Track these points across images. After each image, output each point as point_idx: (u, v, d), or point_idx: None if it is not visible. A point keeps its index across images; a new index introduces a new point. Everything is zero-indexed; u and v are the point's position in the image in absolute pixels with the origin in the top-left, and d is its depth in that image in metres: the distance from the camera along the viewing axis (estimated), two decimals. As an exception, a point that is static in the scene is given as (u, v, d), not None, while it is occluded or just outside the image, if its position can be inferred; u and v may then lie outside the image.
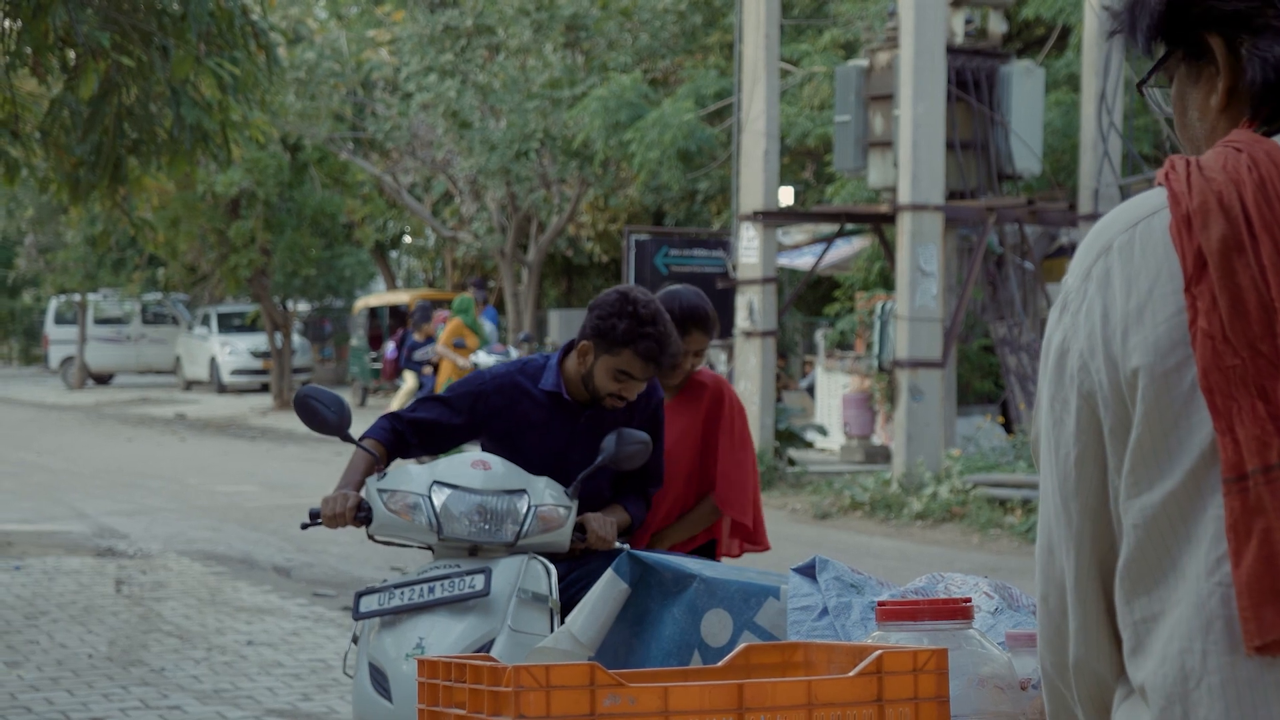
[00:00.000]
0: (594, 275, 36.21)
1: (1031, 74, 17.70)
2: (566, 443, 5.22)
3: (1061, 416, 1.86)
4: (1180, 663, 1.75)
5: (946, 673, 2.47)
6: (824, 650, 2.72)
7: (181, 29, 10.14)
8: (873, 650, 2.49)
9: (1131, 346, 1.79)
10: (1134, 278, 1.81)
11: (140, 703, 8.27)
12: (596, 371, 5.14)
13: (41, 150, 11.75)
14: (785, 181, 22.47)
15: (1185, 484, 1.76)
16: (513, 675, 2.28)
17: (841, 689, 2.42)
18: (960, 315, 17.22)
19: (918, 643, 2.67)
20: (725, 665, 2.67)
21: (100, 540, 14.17)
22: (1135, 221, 1.84)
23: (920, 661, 2.45)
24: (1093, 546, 1.85)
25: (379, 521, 4.96)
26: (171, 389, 38.79)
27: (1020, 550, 14.09)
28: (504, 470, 4.99)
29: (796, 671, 2.68)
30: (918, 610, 2.74)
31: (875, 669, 2.43)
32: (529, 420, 5.23)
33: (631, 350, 5.08)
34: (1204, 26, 1.87)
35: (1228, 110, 1.89)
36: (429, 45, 27.27)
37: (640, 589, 3.70)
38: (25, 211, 36.48)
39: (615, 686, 2.30)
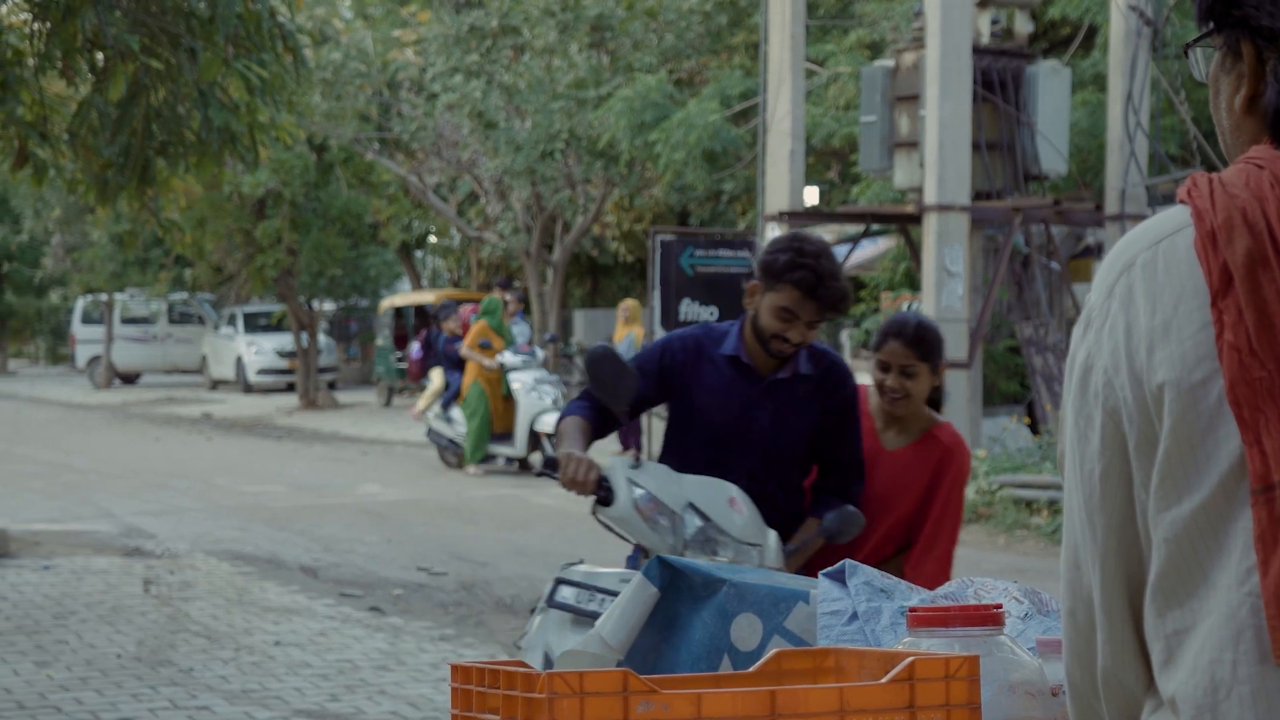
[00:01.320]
0: (619, 275, 36.23)
1: (1058, 74, 17.67)
2: (742, 412, 5.15)
3: (1086, 433, 1.87)
4: (1210, 673, 1.76)
5: (978, 679, 2.48)
6: (855, 656, 2.72)
7: (209, 31, 10.17)
8: (904, 657, 2.50)
9: (1158, 362, 1.80)
10: (1158, 294, 1.82)
11: (169, 703, 8.31)
12: (762, 312, 5.07)
13: (70, 152, 11.79)
14: (811, 182, 22.47)
15: (1214, 496, 1.77)
16: (546, 682, 2.29)
17: (873, 695, 2.42)
18: (986, 316, 17.20)
19: (949, 649, 2.67)
20: (756, 671, 2.67)
21: (128, 540, 14.22)
22: (1158, 239, 1.85)
23: (952, 668, 2.46)
24: (1118, 561, 1.86)
25: (618, 512, 4.83)
26: (198, 388, 38.90)
27: (1047, 551, 14.07)
28: (750, 518, 4.87)
29: (828, 677, 2.68)
30: (949, 616, 2.74)
31: (907, 676, 2.44)
32: (707, 383, 5.17)
33: (790, 283, 5.01)
34: (1239, 29, 1.89)
35: (1249, 113, 1.90)
36: (454, 46, 27.31)
37: (670, 593, 3.71)
38: (52, 211, 36.61)
39: (649, 693, 2.31)
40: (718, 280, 19.87)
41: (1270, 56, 1.87)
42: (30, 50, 10.97)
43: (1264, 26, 1.86)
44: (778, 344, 5.10)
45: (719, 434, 5.13)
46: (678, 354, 5.20)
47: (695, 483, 4.89)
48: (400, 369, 32.11)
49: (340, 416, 29.55)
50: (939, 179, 16.32)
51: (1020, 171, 17.69)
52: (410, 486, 18.86)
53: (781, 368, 5.20)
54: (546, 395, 19.64)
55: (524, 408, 19.63)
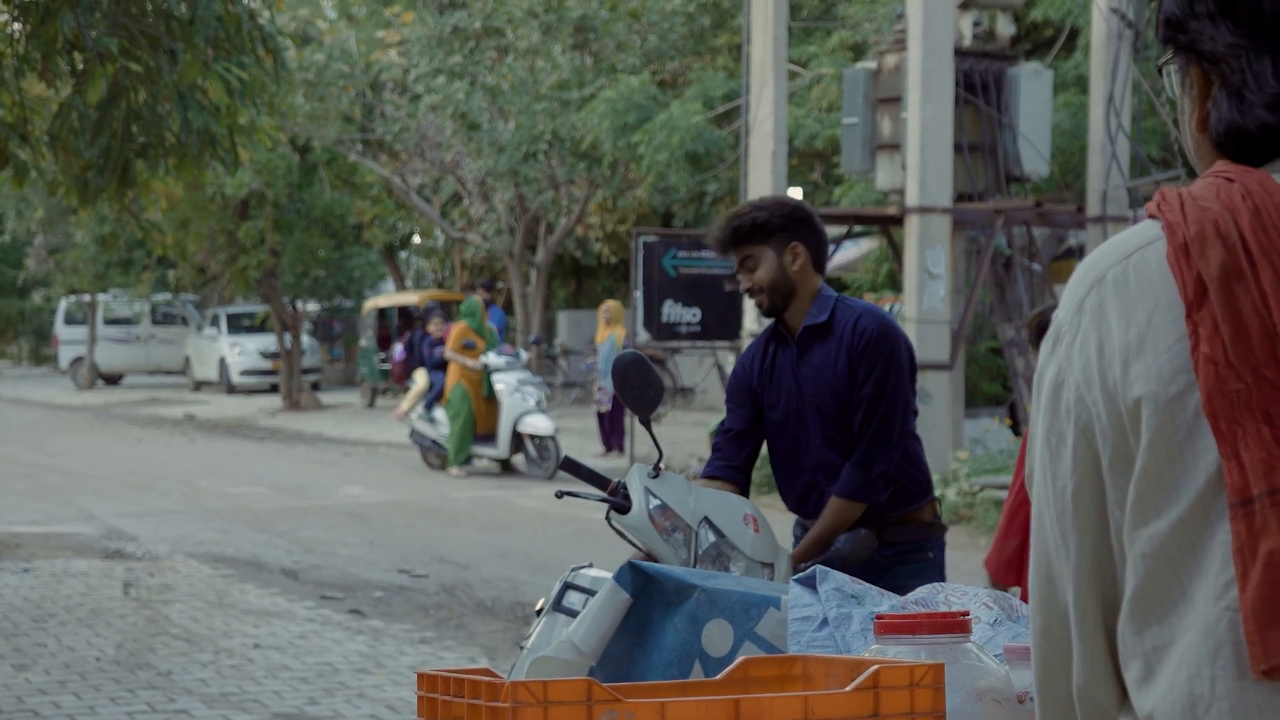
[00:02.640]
0: (602, 276, 36.24)
1: (1040, 76, 17.69)
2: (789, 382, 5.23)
3: (1058, 449, 1.87)
4: (1189, 689, 1.76)
5: (943, 687, 2.48)
6: (822, 664, 2.73)
7: (189, 33, 10.16)
8: (870, 665, 2.51)
9: (1133, 377, 1.79)
10: (1131, 309, 1.81)
11: (148, 706, 8.30)
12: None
13: (50, 153, 11.77)
14: (793, 183, 22.49)
15: (1193, 511, 1.77)
16: (510, 691, 2.29)
17: (838, 704, 2.43)
18: (968, 317, 17.22)
19: (915, 656, 2.68)
20: (724, 679, 2.68)
21: (109, 542, 14.19)
22: (1128, 253, 1.85)
23: (917, 676, 2.46)
24: (1092, 579, 1.86)
25: (633, 520, 4.78)
26: (181, 389, 38.85)
27: (1028, 553, 14.11)
28: (764, 537, 4.86)
29: (795, 685, 2.69)
30: (915, 624, 2.75)
31: (872, 684, 2.44)
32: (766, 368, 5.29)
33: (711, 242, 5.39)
34: (1187, 53, 1.90)
35: (1203, 133, 1.91)
36: (438, 47, 27.29)
37: (642, 598, 3.71)
38: (35, 212, 36.55)
39: (613, 702, 2.31)
40: (700, 281, 19.88)
41: (1215, 79, 1.87)
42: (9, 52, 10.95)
43: (1206, 50, 1.87)
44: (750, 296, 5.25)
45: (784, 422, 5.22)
46: (745, 361, 5.35)
47: (712, 497, 4.88)
48: (384, 370, 32.09)
49: (323, 418, 29.53)
50: (921, 181, 16.35)
51: (1002, 173, 17.72)
52: (393, 488, 18.84)
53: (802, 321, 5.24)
54: (530, 397, 19.64)
55: (507, 409, 19.63)
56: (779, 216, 5.18)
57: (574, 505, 5.17)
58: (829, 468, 5.18)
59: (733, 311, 19.14)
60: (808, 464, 5.23)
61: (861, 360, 5.11)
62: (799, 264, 5.20)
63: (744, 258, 5.19)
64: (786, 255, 5.18)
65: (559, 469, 5.04)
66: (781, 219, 5.18)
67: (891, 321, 5.23)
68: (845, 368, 5.13)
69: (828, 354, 5.17)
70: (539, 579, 12.20)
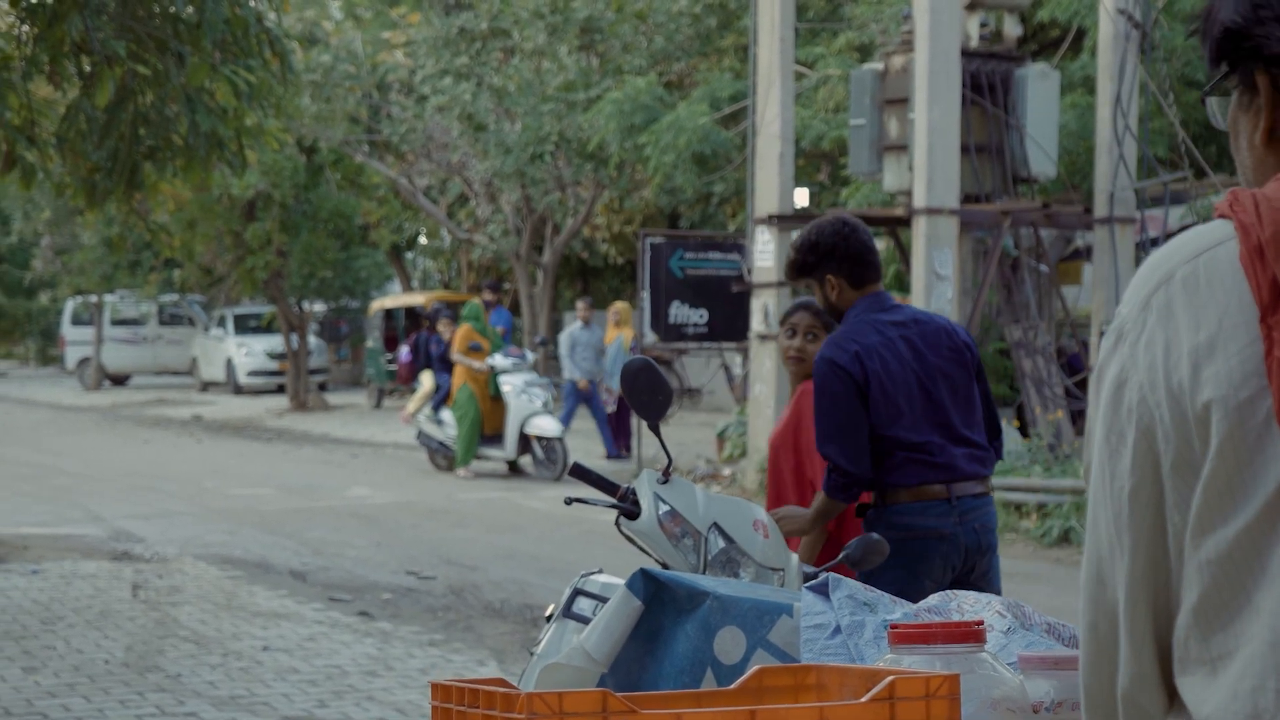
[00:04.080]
0: (609, 277, 36.24)
1: (1046, 77, 17.68)
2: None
3: (1117, 449, 1.83)
4: (1252, 701, 1.73)
5: (959, 698, 2.48)
6: (836, 673, 2.72)
7: (196, 36, 10.17)
8: (885, 675, 2.50)
9: (1203, 380, 1.75)
10: (1201, 309, 1.77)
11: (156, 709, 8.30)
12: None
13: (58, 155, 11.79)
14: (800, 184, 22.47)
15: (1261, 519, 1.73)
16: (525, 702, 2.29)
17: (853, 715, 2.42)
18: (975, 319, 17.21)
19: (930, 666, 2.68)
20: (738, 688, 2.67)
21: (117, 544, 14.20)
22: (1198, 252, 1.80)
23: (933, 687, 2.46)
24: (1145, 581, 1.83)
25: (642, 526, 4.78)
26: (188, 390, 38.87)
27: (1035, 555, 14.08)
28: (774, 541, 4.85)
29: (809, 694, 2.69)
30: (930, 634, 2.75)
31: (888, 694, 2.44)
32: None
33: None
34: (1253, 61, 1.85)
35: (1271, 146, 1.86)
36: (444, 48, 27.29)
37: (654, 606, 3.70)
38: (42, 214, 36.58)
39: (628, 713, 2.31)
40: (707, 283, 19.88)
41: None
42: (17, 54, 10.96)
43: (1276, 55, 1.82)
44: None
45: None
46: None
47: (721, 502, 4.88)
48: (390, 371, 32.09)
49: (330, 418, 29.53)
50: (928, 182, 16.34)
51: (1009, 174, 17.71)
52: (400, 489, 18.85)
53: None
54: (536, 398, 19.63)
55: (514, 410, 19.63)
56: (811, 256, 5.85)
57: (581, 507, 5.16)
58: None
59: (740, 313, 19.13)
60: None
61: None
62: (836, 293, 5.87)
63: (807, 286, 5.94)
64: (826, 287, 5.87)
65: (568, 475, 5.06)
66: (815, 258, 5.85)
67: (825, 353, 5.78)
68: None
69: None
70: (547, 581, 12.20)
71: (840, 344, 5.76)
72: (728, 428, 20.14)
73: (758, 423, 17.91)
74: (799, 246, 5.88)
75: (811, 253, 5.84)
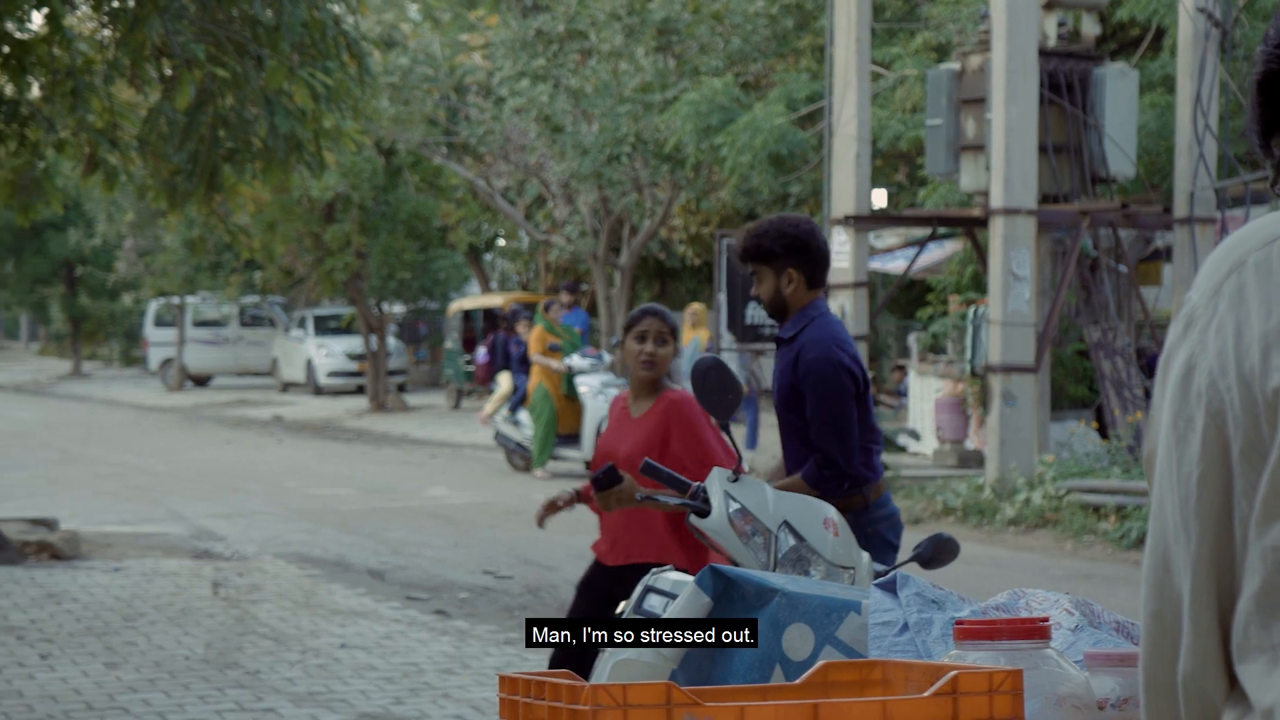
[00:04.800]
0: (686, 278, 36.23)
1: (1125, 76, 17.57)
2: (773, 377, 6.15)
3: (1186, 435, 1.82)
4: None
5: (1021, 693, 2.49)
6: (902, 668, 2.74)
7: (275, 39, 10.26)
8: (949, 670, 2.51)
9: (1273, 365, 1.75)
10: (1273, 295, 1.77)
11: (236, 705, 8.39)
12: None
13: (139, 158, 11.93)
14: (877, 185, 22.43)
15: None
16: (590, 694, 2.32)
17: (917, 709, 2.44)
18: (1054, 319, 17.12)
19: (995, 662, 2.69)
20: (803, 683, 2.69)
21: (198, 542, 14.35)
22: (1272, 239, 1.80)
23: (996, 682, 2.47)
24: (1211, 567, 1.82)
25: (713, 524, 4.82)
26: (268, 391, 39.17)
27: (1114, 557, 13.99)
28: (844, 541, 4.89)
29: (874, 690, 2.70)
30: (995, 630, 2.75)
31: (950, 689, 2.45)
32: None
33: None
34: None
35: None
36: (521, 50, 27.38)
37: (723, 602, 3.73)
38: (125, 216, 36.96)
39: (692, 705, 2.34)
40: (784, 284, 19.85)
41: None
42: (100, 58, 11.10)
43: None
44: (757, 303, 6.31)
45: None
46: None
47: (791, 501, 4.89)
48: (468, 372, 32.22)
49: (409, 419, 29.69)
50: (1005, 182, 16.26)
51: (1087, 174, 17.60)
52: (478, 489, 18.93)
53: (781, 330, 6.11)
54: (613, 399, 19.68)
55: (591, 411, 19.68)
56: (779, 245, 5.90)
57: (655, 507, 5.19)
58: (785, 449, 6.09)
59: (816, 313, 19.08)
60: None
61: (804, 384, 5.86)
62: (792, 287, 5.95)
63: (753, 271, 5.98)
64: (783, 279, 5.94)
65: (640, 472, 5.09)
66: (781, 247, 5.91)
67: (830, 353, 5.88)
68: (790, 383, 5.92)
69: (784, 364, 5.97)
70: (622, 581, 12.22)
71: (838, 344, 5.91)
72: (804, 429, 20.08)
73: (834, 424, 17.87)
74: (767, 233, 5.92)
75: (780, 241, 5.90)
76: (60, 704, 8.37)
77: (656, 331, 6.44)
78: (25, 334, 71.28)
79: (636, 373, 6.48)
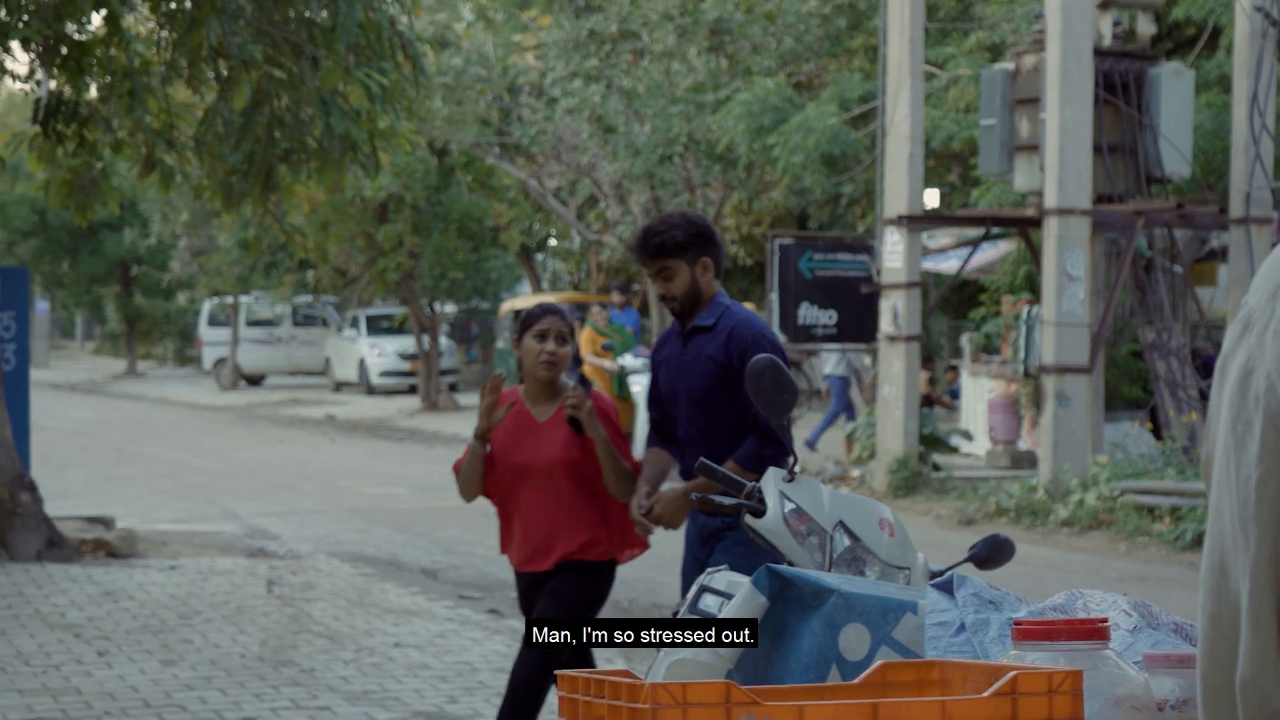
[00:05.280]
0: (738, 278, 36.20)
1: (1181, 76, 17.48)
2: (677, 370, 6.13)
3: (1244, 438, 1.82)
4: None
5: (1081, 694, 2.49)
6: (959, 669, 2.74)
7: (331, 40, 10.32)
8: (1008, 670, 2.51)
9: None
10: None
11: (291, 702, 8.43)
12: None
13: (196, 158, 12.00)
14: (930, 184, 22.37)
15: None
16: (650, 692, 2.33)
17: (976, 709, 2.44)
18: (1108, 320, 17.04)
19: (1054, 662, 2.68)
20: (861, 683, 2.69)
21: (252, 541, 14.43)
22: None
23: (1055, 683, 2.47)
24: (1271, 571, 1.81)
25: (768, 524, 4.81)
26: (321, 390, 39.34)
27: (1169, 559, 13.93)
28: (900, 541, 4.88)
29: (932, 690, 2.70)
30: (1054, 630, 2.75)
31: (1010, 690, 2.45)
32: (666, 356, 6.23)
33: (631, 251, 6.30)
34: None
35: None
36: (574, 50, 27.43)
37: (779, 602, 3.73)
38: (180, 216, 37.18)
39: (750, 704, 2.34)
40: (836, 284, 19.83)
41: None
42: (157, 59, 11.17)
43: None
44: (666, 305, 6.12)
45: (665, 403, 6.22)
46: (657, 347, 6.31)
47: (846, 501, 4.89)
48: (520, 372, 32.26)
49: (461, 418, 29.78)
50: (1060, 182, 16.20)
51: (1142, 174, 17.52)
52: (529, 489, 18.95)
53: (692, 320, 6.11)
54: (665, 398, 19.71)
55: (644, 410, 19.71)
56: (690, 235, 6.04)
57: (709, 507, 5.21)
58: (689, 442, 6.11)
59: (869, 313, 19.08)
60: (679, 436, 6.20)
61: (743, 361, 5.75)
62: (707, 276, 6.08)
63: (661, 269, 6.03)
64: (698, 268, 6.06)
65: (696, 471, 5.10)
66: (693, 237, 6.05)
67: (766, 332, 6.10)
68: (721, 364, 5.99)
69: (704, 350, 6.04)
70: (674, 580, 12.22)
71: (766, 326, 6.16)
72: (856, 429, 20.08)
73: (887, 424, 17.84)
74: (676, 226, 6.05)
75: (690, 232, 6.04)
76: (117, 701, 8.43)
77: (557, 330, 6.41)
78: (81, 333, 71.80)
79: (537, 373, 6.41)
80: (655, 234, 6.03)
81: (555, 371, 6.40)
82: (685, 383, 6.07)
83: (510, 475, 6.48)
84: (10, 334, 13.71)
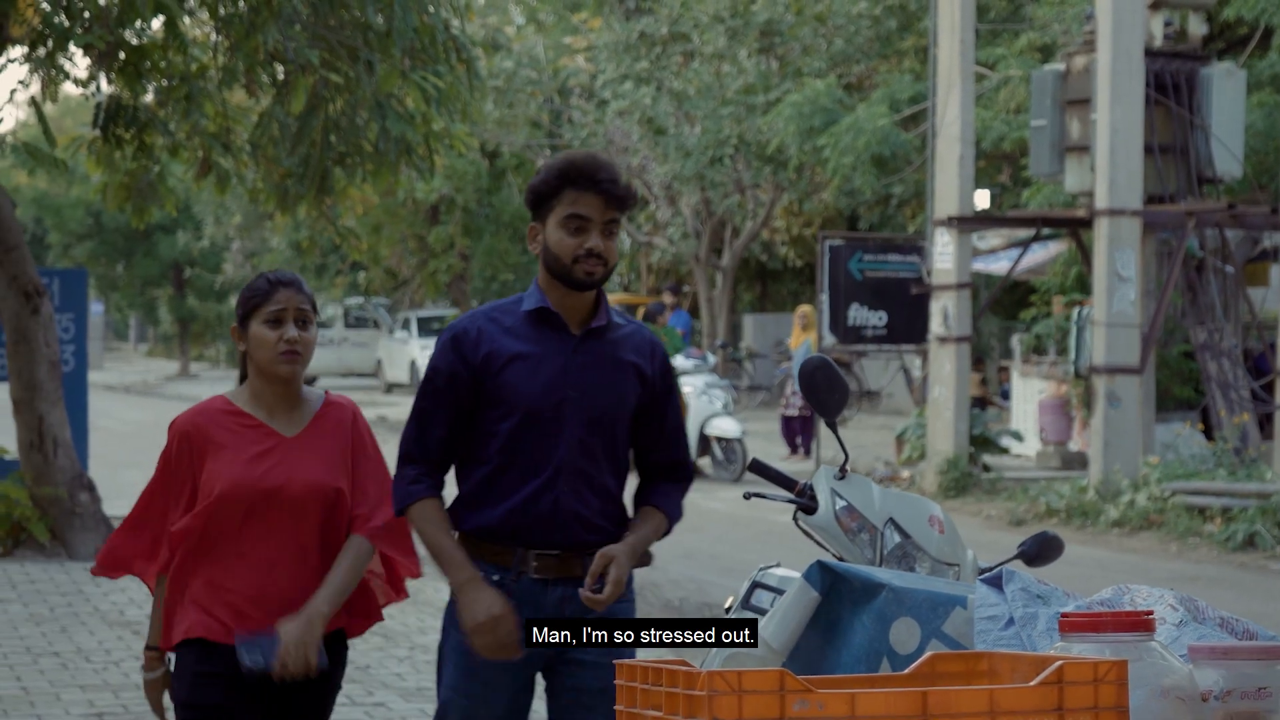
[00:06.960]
0: (788, 280, 36.24)
1: (1233, 76, 17.44)
2: (562, 373, 4.43)
3: None
4: None
5: (1126, 684, 2.55)
6: (1008, 660, 2.80)
7: (386, 44, 10.43)
8: (1054, 660, 2.58)
9: None
10: None
11: (347, 699, 8.52)
12: (550, 242, 4.38)
13: (251, 161, 12.13)
14: (981, 185, 22.35)
15: None
16: (706, 680, 2.41)
17: (1023, 698, 2.50)
18: (1159, 320, 17.02)
19: (1099, 654, 2.74)
20: (911, 673, 2.76)
21: (306, 540, 14.53)
22: None
23: (1101, 672, 2.53)
24: None
25: (820, 521, 4.76)
26: (373, 391, 39.52)
27: (1220, 559, 13.91)
28: (950, 537, 4.88)
29: (981, 680, 2.77)
30: (1100, 622, 2.81)
31: (1056, 679, 2.52)
32: (510, 351, 4.43)
33: (570, 187, 4.33)
34: None
35: None
36: (625, 52, 27.52)
37: (831, 597, 3.80)
38: (233, 218, 37.45)
39: (804, 692, 2.41)
40: (887, 285, 19.85)
41: None
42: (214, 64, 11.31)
43: None
44: (585, 265, 4.35)
45: (534, 407, 4.42)
46: (470, 335, 4.47)
47: (897, 498, 4.93)
48: (571, 373, 32.40)
49: (512, 420, 29.87)
50: (1110, 183, 16.19)
51: (1194, 175, 17.48)
52: (580, 489, 19.03)
53: (594, 317, 4.48)
54: (717, 400, 19.76)
55: (694, 412, 19.76)
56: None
57: (760, 507, 5.29)
58: (577, 473, 4.53)
59: (919, 315, 19.09)
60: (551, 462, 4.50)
61: (660, 379, 4.62)
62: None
63: (611, 220, 4.40)
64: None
65: (747, 471, 5.13)
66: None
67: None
68: (644, 380, 4.57)
69: (619, 355, 4.54)
70: (725, 580, 12.30)
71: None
72: (907, 430, 20.10)
73: (937, 425, 17.86)
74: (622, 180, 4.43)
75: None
76: (176, 696, 8.54)
77: (296, 308, 4.59)
78: (134, 335, 72.32)
79: (275, 369, 4.62)
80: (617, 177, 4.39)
81: (299, 366, 4.63)
82: (582, 394, 4.45)
83: (242, 510, 4.62)
84: (69, 335, 13.87)
